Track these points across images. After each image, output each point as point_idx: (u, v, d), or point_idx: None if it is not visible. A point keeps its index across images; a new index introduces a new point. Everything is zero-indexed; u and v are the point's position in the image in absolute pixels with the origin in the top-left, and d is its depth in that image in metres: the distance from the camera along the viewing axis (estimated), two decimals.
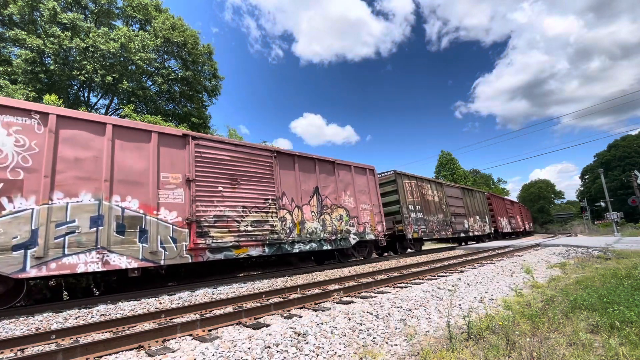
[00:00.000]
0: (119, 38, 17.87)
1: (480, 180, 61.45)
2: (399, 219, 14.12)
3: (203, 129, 22.40)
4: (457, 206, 19.30)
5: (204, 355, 2.92)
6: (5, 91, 14.21)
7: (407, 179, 15.27)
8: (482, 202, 23.65)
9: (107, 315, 5.20)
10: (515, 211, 33.69)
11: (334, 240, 10.51)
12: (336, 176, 11.28)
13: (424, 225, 15.40)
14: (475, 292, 5.69)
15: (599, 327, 3.31)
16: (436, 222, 16.59)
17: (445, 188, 18.62)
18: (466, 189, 21.61)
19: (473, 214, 21.33)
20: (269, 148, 9.73)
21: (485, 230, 22.65)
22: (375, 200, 12.73)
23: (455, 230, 18.19)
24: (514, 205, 34.54)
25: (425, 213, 15.85)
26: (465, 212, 20.22)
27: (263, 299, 5.76)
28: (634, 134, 63.83)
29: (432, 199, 16.90)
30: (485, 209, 23.85)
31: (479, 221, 22.08)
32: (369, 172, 12.90)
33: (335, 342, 3.28)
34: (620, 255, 9.75)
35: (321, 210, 10.37)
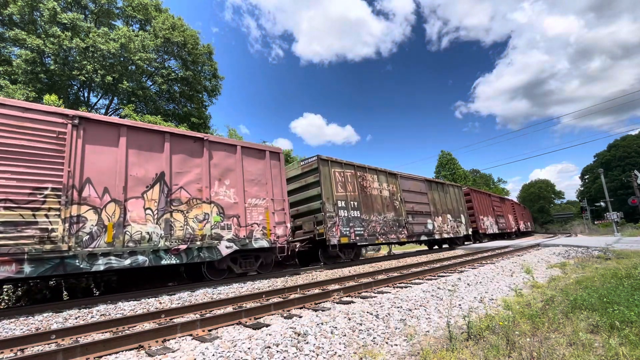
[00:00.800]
0: (119, 38, 17.88)
1: (480, 180, 61.46)
2: (321, 218, 10.82)
3: (203, 128, 22.41)
4: (417, 202, 15.64)
5: (204, 355, 2.92)
6: (5, 91, 14.21)
7: (337, 167, 11.99)
8: (457, 198, 19.93)
9: (107, 315, 5.20)
10: (506, 209, 30.28)
11: (187, 251, 7.40)
12: (206, 159, 8.17)
13: (360, 226, 11.92)
14: (475, 292, 5.69)
15: (599, 327, 3.31)
16: (382, 222, 13.05)
17: (401, 180, 15.15)
18: (434, 182, 17.99)
19: (443, 212, 17.69)
20: (59, 111, 6.45)
21: (459, 231, 18.82)
22: (279, 193, 9.59)
23: (412, 233, 14.55)
24: (504, 202, 30.87)
25: (366, 211, 12.46)
26: (431, 210, 16.53)
27: (263, 299, 5.76)
28: (634, 134, 63.87)
29: (379, 193, 13.50)
30: (462, 206, 20.17)
31: (451, 221, 18.30)
32: (270, 155, 9.68)
33: (335, 342, 3.28)
34: (620, 255, 9.75)
35: (166, 207, 7.24)
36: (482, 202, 23.98)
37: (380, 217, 13.06)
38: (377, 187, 13.58)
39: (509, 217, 30.33)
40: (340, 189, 11.77)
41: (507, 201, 33.11)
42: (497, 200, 28.10)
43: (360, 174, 12.91)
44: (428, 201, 16.59)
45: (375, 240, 12.51)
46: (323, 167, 11.42)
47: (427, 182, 17.28)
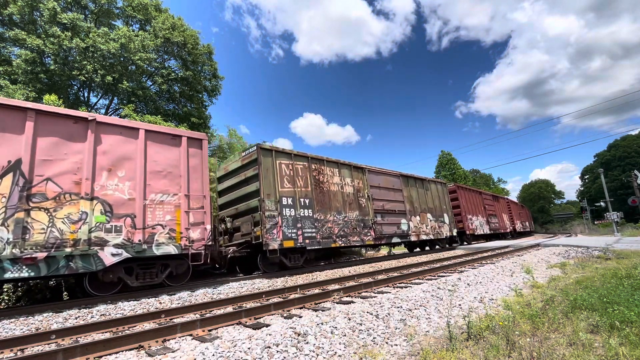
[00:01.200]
0: (119, 38, 17.88)
1: (480, 180, 61.47)
2: (259, 218, 9.19)
3: (203, 128, 22.41)
4: (389, 200, 13.95)
5: (204, 355, 2.92)
6: (5, 91, 14.22)
7: (284, 158, 10.25)
8: (441, 196, 18.14)
9: (107, 315, 5.20)
10: (500, 208, 28.28)
11: (49, 260, 5.76)
12: (90, 144, 6.59)
13: (312, 227, 10.22)
14: (475, 292, 5.69)
15: (599, 327, 3.31)
16: (343, 222, 11.40)
17: (370, 175, 13.32)
18: (412, 178, 16.12)
19: (422, 211, 15.93)
20: None
21: (442, 232, 17.06)
22: (198, 188, 7.90)
23: (381, 234, 12.85)
24: (498, 201, 28.66)
25: (321, 210, 10.76)
26: (407, 208, 14.77)
27: (263, 299, 5.76)
28: (634, 134, 63.89)
29: (340, 189, 11.78)
30: (446, 204, 18.41)
31: (432, 221, 16.52)
32: (188, 142, 7.98)
33: (335, 342, 3.28)
34: (620, 255, 9.75)
35: (20, 204, 5.66)
36: (471, 201, 22.05)
37: (339, 217, 11.35)
38: (338, 183, 11.82)
39: (503, 217, 28.49)
40: (287, 183, 10.02)
41: (502, 199, 31.01)
42: (489, 199, 26.21)
43: (315, 167, 11.18)
44: (403, 199, 14.78)
45: (331, 244, 10.75)
46: (265, 157, 9.72)
47: (403, 178, 15.46)
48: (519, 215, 35.62)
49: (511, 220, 31.01)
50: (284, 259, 9.71)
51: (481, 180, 62.33)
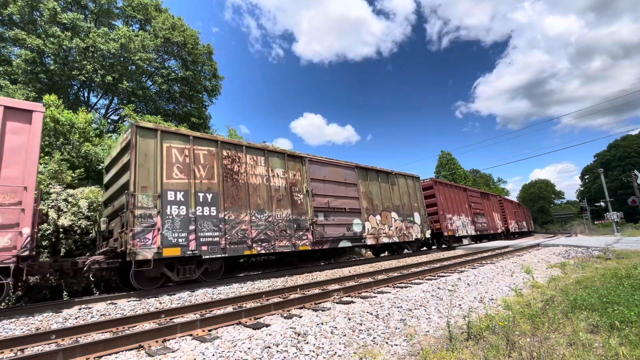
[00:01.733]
0: (119, 38, 17.89)
1: (480, 180, 61.49)
2: (127, 219, 6.94)
3: (203, 128, 22.41)
4: (338, 196, 11.61)
5: (204, 355, 2.92)
6: (5, 91, 14.22)
7: (175, 140, 8.00)
8: (411, 192, 15.67)
9: (107, 315, 5.20)
10: (490, 207, 25.55)
11: None
12: None
13: (215, 230, 7.97)
14: (475, 292, 5.69)
15: (599, 327, 3.31)
16: (265, 223, 9.10)
17: (311, 166, 10.97)
18: (373, 171, 13.81)
19: (385, 209, 13.58)
20: None
21: (410, 234, 14.60)
22: (16, 177, 5.86)
23: (323, 237, 10.50)
24: (488, 198, 25.97)
25: (233, 207, 8.49)
26: (364, 206, 12.50)
27: (263, 299, 5.76)
28: (634, 133, 63.90)
29: (265, 182, 9.48)
30: (417, 202, 15.95)
31: (398, 221, 14.08)
32: (4, 114, 5.92)
33: (335, 342, 3.28)
34: (620, 255, 9.75)
35: None
36: (451, 198, 19.52)
37: (261, 217, 9.04)
38: (263, 174, 9.53)
39: (494, 216, 25.85)
40: (179, 173, 7.80)
41: (493, 197, 28.23)
42: (476, 196, 23.41)
43: (228, 154, 8.88)
44: (358, 195, 12.45)
45: (244, 251, 8.42)
46: (143, 139, 7.47)
47: (360, 170, 13.12)
48: (515, 214, 33.44)
49: (504, 219, 28.75)
50: (169, 271, 7.50)
51: (481, 180, 62.33)
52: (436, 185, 18.45)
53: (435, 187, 18.32)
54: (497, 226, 25.77)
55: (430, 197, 18.00)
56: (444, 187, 19.30)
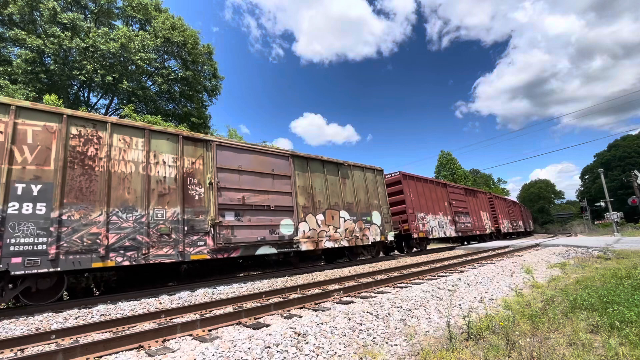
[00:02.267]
0: (119, 38, 17.89)
1: (480, 180, 61.51)
2: None
3: (203, 128, 22.43)
4: (260, 191, 9.31)
5: (204, 355, 2.92)
6: (5, 91, 14.22)
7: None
8: (369, 187, 13.13)
9: (107, 315, 5.20)
10: (476, 205, 22.75)
11: None
12: None
13: (38, 235, 5.77)
14: (475, 292, 5.69)
15: (599, 327, 3.31)
16: (134, 225, 6.92)
17: (221, 152, 8.85)
18: (315, 160, 11.33)
19: (332, 207, 11.22)
20: None
21: (366, 237, 12.20)
22: None
23: (230, 243, 8.24)
24: (475, 195, 23.16)
25: (78, 204, 6.36)
26: (299, 203, 10.20)
27: (263, 299, 5.76)
28: (634, 133, 63.91)
29: (141, 171, 7.34)
30: (378, 199, 13.35)
31: (351, 221, 11.73)
32: None
33: (335, 342, 3.27)
34: (620, 255, 9.75)
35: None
36: (426, 195, 16.98)
37: (128, 216, 6.88)
38: (139, 161, 7.34)
39: (481, 215, 23.12)
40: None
41: (481, 194, 25.17)
42: (458, 192, 20.81)
43: (81, 133, 6.70)
44: (292, 189, 10.05)
45: (92, 263, 6.25)
46: None
47: (298, 160, 10.63)
48: (508, 213, 30.44)
49: (494, 219, 26.03)
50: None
51: (481, 180, 62.37)
52: (405, 180, 15.88)
53: (404, 181, 15.75)
54: (484, 226, 23.09)
55: (398, 194, 15.52)
56: (415, 182, 16.63)
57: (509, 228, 29.07)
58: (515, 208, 35.21)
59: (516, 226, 32.08)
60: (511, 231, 29.74)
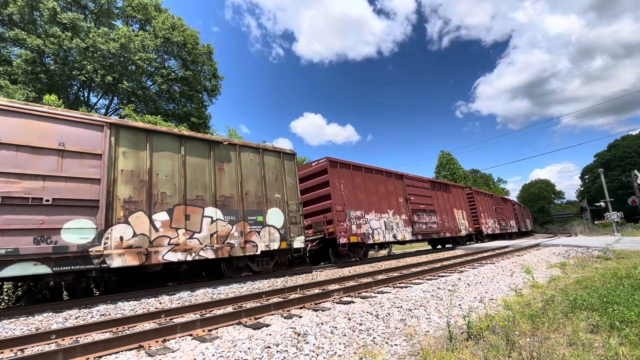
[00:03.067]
0: (119, 38, 17.89)
1: (480, 180, 61.50)
2: None
3: (203, 128, 22.42)
4: (19, 175, 5.88)
5: (204, 355, 2.92)
6: (5, 91, 14.22)
7: None
8: (270, 176, 9.85)
9: (107, 315, 5.20)
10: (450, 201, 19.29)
11: None
12: None
13: None
14: (475, 292, 5.69)
15: (599, 327, 3.31)
16: None
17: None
18: (162, 135, 7.95)
19: (193, 202, 8.02)
20: None
21: (254, 244, 8.89)
22: None
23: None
24: (446, 190, 19.38)
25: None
26: (126, 196, 7.00)
27: (263, 299, 5.76)
28: (634, 133, 63.92)
29: None
30: (285, 193, 10.05)
31: (225, 223, 8.45)
32: None
33: (335, 342, 3.27)
34: (620, 255, 9.75)
35: None
36: (366, 188, 13.21)
37: None
38: None
39: (454, 214, 19.28)
40: None
41: (457, 189, 21.08)
42: (421, 186, 16.81)
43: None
44: (103, 174, 6.78)
45: None
46: None
47: (124, 132, 7.33)
48: (495, 212, 26.14)
49: (474, 218, 22.07)
50: None
51: (481, 180, 62.37)
52: (334, 169, 12.08)
53: (332, 170, 11.95)
54: (457, 227, 19.16)
55: (323, 187, 11.99)
56: (352, 172, 12.85)
57: (495, 229, 25.00)
58: (506, 206, 31.13)
59: (507, 226, 28.09)
60: (498, 232, 25.65)
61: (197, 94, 23.25)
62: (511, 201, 35.30)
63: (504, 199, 32.43)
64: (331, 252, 11.85)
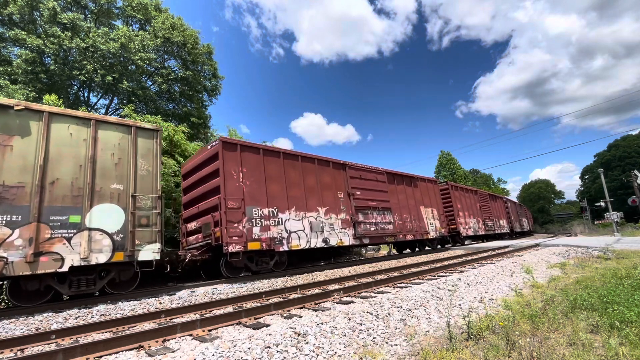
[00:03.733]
0: (119, 38, 17.89)
1: (480, 180, 61.50)
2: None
3: (203, 128, 22.43)
4: None
5: (204, 355, 2.92)
6: (5, 91, 14.22)
7: None
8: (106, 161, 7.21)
9: (107, 315, 5.20)
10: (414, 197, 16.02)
11: None
12: None
13: None
14: (475, 292, 5.69)
15: (599, 327, 3.31)
16: None
17: None
18: None
19: None
20: None
21: (57, 255, 6.10)
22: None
23: None
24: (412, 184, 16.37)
25: None
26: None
27: (263, 299, 5.76)
28: (635, 133, 63.92)
29: None
30: (132, 184, 7.42)
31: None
32: None
33: (335, 342, 3.27)
34: (620, 255, 9.75)
35: None
36: (288, 180, 10.51)
37: None
38: None
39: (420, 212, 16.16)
40: None
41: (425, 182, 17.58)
42: (372, 179, 13.90)
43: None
44: None
45: None
46: None
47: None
48: (480, 210, 22.70)
49: (449, 217, 19.19)
50: None
51: (481, 180, 62.36)
52: (230, 152, 9.34)
53: (227, 155, 9.23)
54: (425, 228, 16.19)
55: (213, 177, 9.34)
56: (259, 158, 9.98)
57: (478, 229, 21.64)
58: (496, 203, 27.24)
59: (494, 226, 24.11)
60: (482, 233, 22.19)
61: (197, 94, 23.25)
62: (503, 199, 31.35)
63: (494, 195, 28.53)
64: (223, 263, 8.82)
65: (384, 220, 13.79)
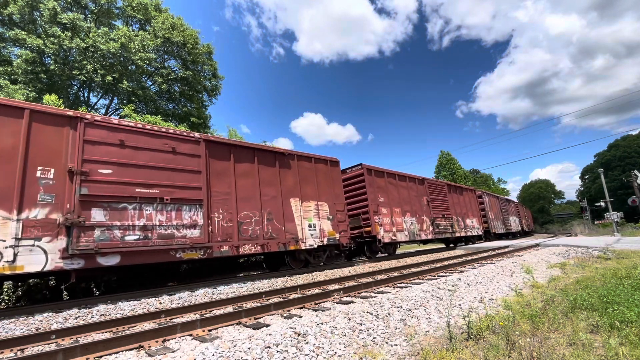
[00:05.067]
0: (119, 38, 17.88)
1: (480, 180, 61.52)
2: None
3: (203, 128, 22.41)
4: None
5: (204, 355, 2.92)
6: (5, 91, 14.22)
7: None
8: None
9: (107, 315, 5.20)
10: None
11: None
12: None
13: None
14: (475, 292, 5.68)
15: (599, 327, 3.31)
16: None
17: None
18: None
19: None
20: None
21: None
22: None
23: None
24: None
25: None
26: None
27: (263, 299, 5.76)
28: (635, 133, 63.91)
29: None
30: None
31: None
32: None
33: (335, 342, 3.27)
34: (620, 255, 9.75)
35: None
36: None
37: None
38: None
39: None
40: None
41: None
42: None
43: None
44: None
45: None
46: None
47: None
48: (428, 206, 16.98)
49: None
50: None
51: (481, 180, 62.38)
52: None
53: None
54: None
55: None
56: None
57: (420, 232, 15.97)
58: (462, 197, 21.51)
59: (453, 227, 18.82)
60: (430, 237, 16.74)
61: (197, 93, 23.23)
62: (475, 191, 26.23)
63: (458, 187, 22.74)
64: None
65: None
